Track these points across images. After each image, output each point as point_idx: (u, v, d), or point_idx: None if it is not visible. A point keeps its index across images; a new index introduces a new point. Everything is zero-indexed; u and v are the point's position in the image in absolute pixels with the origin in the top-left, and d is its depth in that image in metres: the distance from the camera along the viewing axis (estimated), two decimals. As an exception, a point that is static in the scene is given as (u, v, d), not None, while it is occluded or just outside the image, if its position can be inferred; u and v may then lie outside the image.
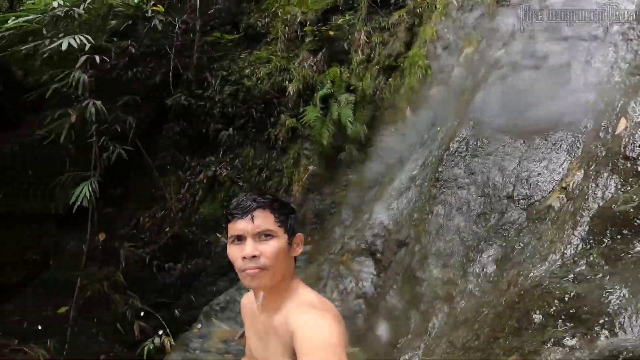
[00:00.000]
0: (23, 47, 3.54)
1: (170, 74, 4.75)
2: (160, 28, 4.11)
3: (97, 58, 3.78)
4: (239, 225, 1.24)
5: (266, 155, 5.72)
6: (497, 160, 3.47)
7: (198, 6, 4.59)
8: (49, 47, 3.45)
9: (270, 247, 1.23)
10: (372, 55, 4.94)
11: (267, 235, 1.24)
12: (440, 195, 3.42)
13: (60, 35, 3.49)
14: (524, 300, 2.16)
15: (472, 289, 2.60)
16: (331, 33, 4.80)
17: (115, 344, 4.19)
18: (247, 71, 5.25)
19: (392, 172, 4.28)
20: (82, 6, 3.56)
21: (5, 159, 5.70)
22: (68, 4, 3.51)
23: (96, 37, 3.97)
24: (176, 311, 4.24)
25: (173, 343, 3.55)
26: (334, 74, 4.98)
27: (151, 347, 3.56)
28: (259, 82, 5.19)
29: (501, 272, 2.68)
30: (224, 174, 5.66)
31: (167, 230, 5.26)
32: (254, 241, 1.23)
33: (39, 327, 4.45)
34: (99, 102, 4.21)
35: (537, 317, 1.96)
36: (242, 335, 3.68)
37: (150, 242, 5.19)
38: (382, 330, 2.66)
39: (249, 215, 1.24)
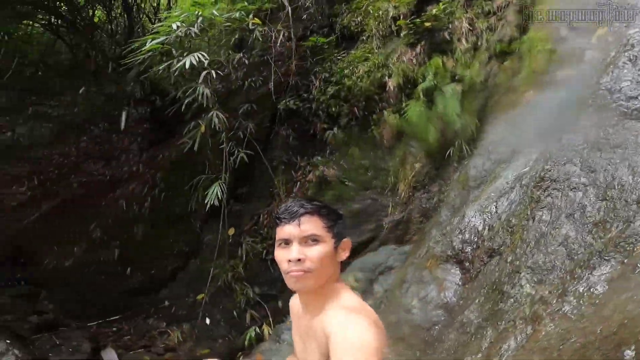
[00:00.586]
0: (160, 67, 4.23)
1: (273, 80, 5.10)
2: (260, 39, 4.49)
3: (214, 73, 4.32)
4: (287, 230, 1.29)
5: (371, 154, 5.72)
6: (626, 155, 2.86)
7: (290, 14, 4.82)
8: (177, 65, 4.08)
9: (315, 251, 1.27)
10: (479, 43, 4.51)
11: (313, 239, 1.28)
12: (546, 198, 2.96)
13: (185, 53, 4.11)
14: (622, 330, 1.75)
15: (568, 311, 2.19)
16: (427, 24, 4.53)
17: (231, 330, 4.75)
18: (346, 71, 5.33)
19: (498, 170, 3.84)
20: (195, 25, 4.10)
21: (165, 165, 6.97)
22: (185, 24, 4.09)
23: (214, 53, 4.55)
24: (279, 303, 4.60)
25: (270, 333, 3.86)
26: (436, 65, 4.69)
27: (253, 335, 3.95)
28: (359, 80, 5.21)
29: (611, 295, 2.20)
30: (331, 174, 5.85)
31: (280, 226, 5.71)
32: (300, 245, 1.27)
33: (184, 312, 5.32)
34: (221, 113, 4.79)
35: (629, 354, 1.57)
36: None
37: (267, 237, 5.69)
38: (451, 344, 2.45)
39: (297, 220, 1.28)
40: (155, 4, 7.28)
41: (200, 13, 4.08)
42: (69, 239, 7.12)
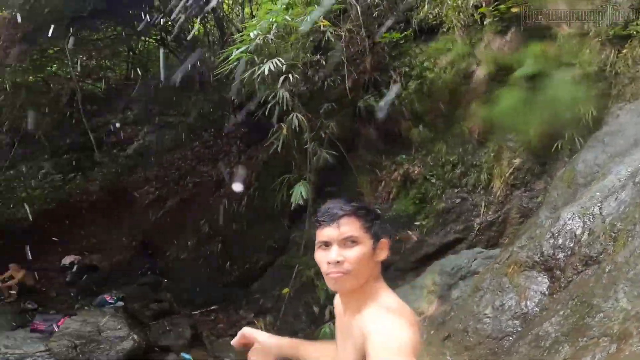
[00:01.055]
0: (244, 75, 4.50)
1: (346, 79, 5.05)
2: (333, 40, 4.49)
3: (291, 77, 4.45)
4: (326, 232, 1.30)
5: (460, 150, 5.30)
6: None
7: (359, 13, 4.72)
8: (258, 72, 4.31)
9: (354, 252, 1.27)
10: (585, 27, 3.89)
11: (352, 241, 1.28)
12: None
13: (265, 60, 4.32)
14: None
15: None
16: (514, 10, 4.04)
17: (311, 324, 4.82)
18: (426, 64, 5.04)
19: (610, 164, 3.21)
20: (271, 33, 4.27)
21: (259, 165, 7.45)
22: (262, 32, 4.29)
23: (295, 57, 4.68)
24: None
25: None
26: (535, 51, 4.15)
27: (327, 330, 3.94)
28: (442, 72, 4.89)
29: None
30: (416, 171, 5.58)
31: (365, 225, 5.62)
32: (339, 247, 1.28)
33: (270, 305, 5.58)
34: (301, 114, 4.91)
35: None
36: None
37: (352, 234, 5.67)
38: (520, 357, 2.10)
39: (336, 223, 1.29)
40: (240, 15, 7.81)
41: (274, 20, 4.25)
42: (185, 233, 8.05)
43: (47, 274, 8.81)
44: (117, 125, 9.16)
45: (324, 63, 5.04)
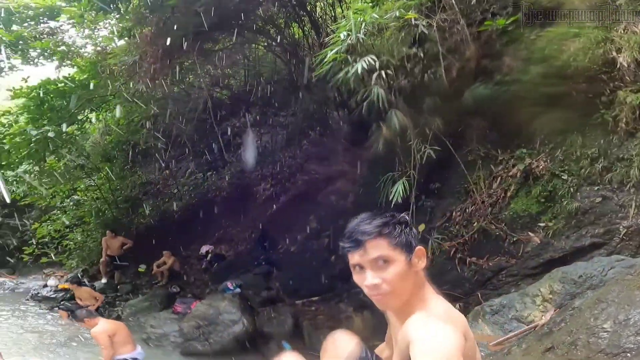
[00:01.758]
0: (339, 76, 4.54)
1: (449, 70, 4.67)
2: (426, 32, 4.19)
3: (384, 73, 4.33)
4: (355, 258, 1.29)
5: (601, 142, 4.53)
6: None
7: (454, 2, 4.30)
8: (351, 71, 4.30)
9: (388, 273, 1.25)
10: None
11: (384, 261, 1.26)
12: None
13: (358, 59, 4.29)
14: None
15: None
16: None
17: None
18: (548, 50, 4.38)
19: None
20: (361, 31, 4.21)
21: (363, 163, 7.45)
22: (352, 32, 4.24)
23: (389, 53, 4.56)
24: (459, 305, 4.15)
25: None
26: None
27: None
28: (571, 59, 4.23)
29: None
30: (540, 167, 4.94)
31: (474, 224, 5.19)
32: (372, 270, 1.26)
33: (369, 300, 5.52)
34: (400, 111, 4.76)
35: None
36: (499, 343, 3.18)
37: (458, 235, 5.29)
38: None
39: (361, 249, 1.27)
40: (332, 15, 7.83)
41: (362, 19, 4.17)
42: (296, 228, 8.48)
43: (189, 261, 10.17)
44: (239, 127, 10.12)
45: (421, 56, 4.79)
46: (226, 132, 10.26)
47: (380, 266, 1.23)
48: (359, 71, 4.24)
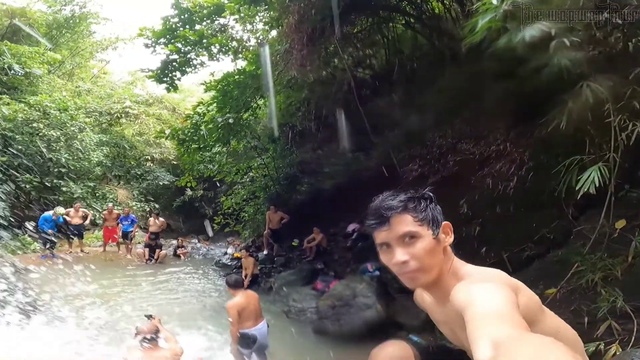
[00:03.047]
0: (501, 41, 3.84)
1: None
2: None
3: (567, 41, 3.48)
4: (381, 235, 1.27)
5: None
6: None
7: None
8: (517, 39, 3.57)
9: (416, 249, 1.22)
10: None
11: (410, 237, 1.23)
12: None
13: (521, 26, 3.55)
14: None
15: None
16: None
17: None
18: None
19: None
20: None
21: (534, 143, 6.33)
22: None
23: (567, 17, 3.64)
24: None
25: (617, 353, 2.82)
26: None
27: (591, 349, 3.00)
28: None
29: None
30: None
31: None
32: (399, 247, 1.23)
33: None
34: (594, 83, 3.84)
35: None
36: None
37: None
38: None
39: (386, 225, 1.24)
40: None
41: None
42: (443, 211, 7.82)
43: (336, 238, 10.61)
44: (383, 107, 9.85)
45: (619, 22, 3.69)
46: (371, 113, 10.13)
47: (407, 242, 1.22)
48: (527, 39, 3.52)
